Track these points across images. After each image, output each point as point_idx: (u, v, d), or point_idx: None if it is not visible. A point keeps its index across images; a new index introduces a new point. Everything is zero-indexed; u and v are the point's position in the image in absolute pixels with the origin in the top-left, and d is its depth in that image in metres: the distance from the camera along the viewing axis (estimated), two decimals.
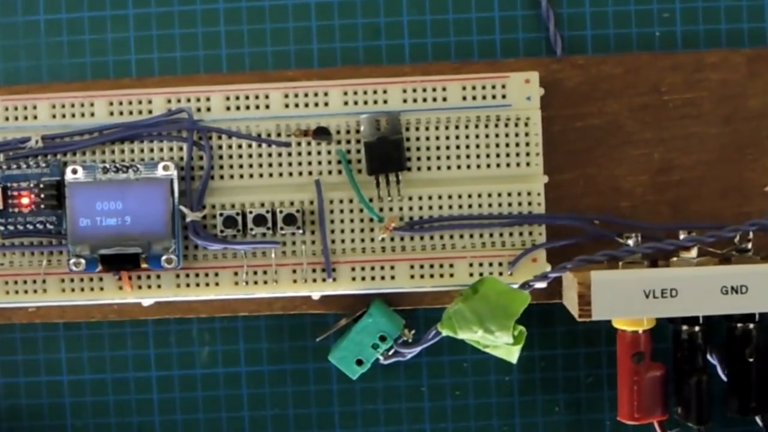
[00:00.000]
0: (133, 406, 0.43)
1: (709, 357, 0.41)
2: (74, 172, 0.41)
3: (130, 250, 0.40)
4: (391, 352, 0.41)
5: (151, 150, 0.42)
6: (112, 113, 0.42)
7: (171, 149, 0.42)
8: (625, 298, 0.38)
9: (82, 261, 0.41)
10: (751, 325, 0.39)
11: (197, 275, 0.42)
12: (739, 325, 0.40)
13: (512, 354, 0.39)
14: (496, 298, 0.38)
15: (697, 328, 0.40)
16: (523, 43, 0.43)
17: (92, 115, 0.42)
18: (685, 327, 0.40)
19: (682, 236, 0.40)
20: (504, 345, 0.39)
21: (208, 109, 0.42)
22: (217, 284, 0.42)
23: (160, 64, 0.43)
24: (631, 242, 0.40)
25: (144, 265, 0.41)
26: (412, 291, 0.41)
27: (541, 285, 0.40)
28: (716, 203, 0.41)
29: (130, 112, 0.42)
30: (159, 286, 0.42)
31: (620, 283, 0.38)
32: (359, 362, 0.41)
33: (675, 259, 0.39)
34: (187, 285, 0.42)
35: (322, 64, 0.43)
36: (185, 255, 0.42)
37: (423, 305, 0.42)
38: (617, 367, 0.41)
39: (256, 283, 0.41)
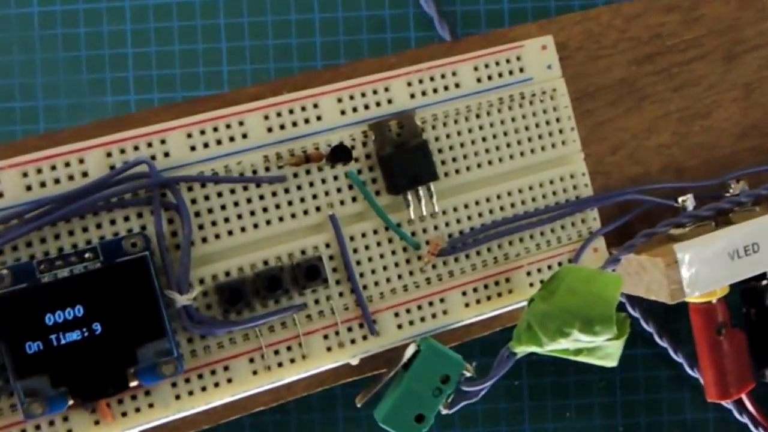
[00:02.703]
0: None
1: None
2: None
3: (111, 368, 0.28)
4: (451, 398, 0.32)
5: (99, 226, 0.29)
6: (29, 187, 0.29)
7: (127, 218, 0.29)
8: (713, 266, 0.32)
9: (41, 401, 0.27)
10: None
11: (200, 377, 0.30)
12: None
13: (614, 352, 0.31)
14: (585, 287, 0.30)
15: (764, 282, 0.35)
16: (414, 18, 0.37)
17: (0, 195, 0.28)
18: (753, 283, 0.35)
19: (731, 190, 0.35)
20: (603, 343, 0.31)
21: (166, 155, 0.30)
22: (229, 381, 0.30)
23: (157, 59, 0.36)
24: (688, 205, 0.34)
25: (133, 383, 0.28)
26: (471, 322, 0.33)
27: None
28: (738, 145, 0.37)
29: (56, 181, 0.29)
30: (151, 405, 0.29)
31: (705, 251, 0.32)
32: (419, 418, 0.32)
33: (735, 212, 0.34)
34: (190, 393, 0.30)
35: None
36: (180, 354, 0.29)
37: (470, 336, 0.34)
38: (697, 347, 0.35)
39: (280, 365, 0.31)
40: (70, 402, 0.28)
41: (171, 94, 0.36)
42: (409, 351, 0.31)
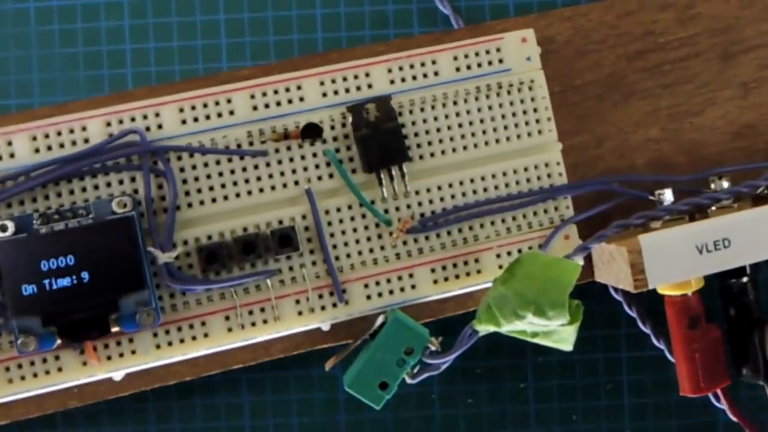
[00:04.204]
0: (127, 413, 0.36)
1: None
2: (3, 229, 0.31)
3: (95, 313, 0.31)
4: (416, 369, 0.34)
5: (96, 187, 0.33)
6: (37, 150, 0.32)
7: (121, 182, 0.33)
8: (679, 258, 0.33)
9: (32, 338, 0.31)
10: None
11: (179, 329, 0.33)
12: None
13: (568, 337, 0.33)
14: (543, 273, 0.31)
15: (745, 279, 0.36)
16: (417, 14, 0.38)
17: (12, 156, 0.32)
18: (733, 280, 0.36)
19: (713, 185, 0.35)
20: (557, 328, 0.33)
21: (159, 126, 0.33)
22: (206, 335, 0.33)
23: (156, 55, 0.36)
24: (666, 199, 0.35)
25: (115, 329, 0.32)
26: (438, 298, 0.34)
27: (580, 261, 0.35)
28: (729, 144, 0.37)
29: (61, 145, 0.33)
30: (134, 352, 0.33)
31: (671, 243, 0.33)
32: (383, 386, 0.34)
33: (714, 208, 0.35)
34: (169, 343, 0.33)
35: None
36: (161, 307, 0.33)
37: (446, 314, 0.36)
38: (671, 339, 0.36)
39: (254, 324, 0.33)
40: (58, 341, 0.31)
41: None
42: (378, 321, 0.33)
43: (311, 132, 0.32)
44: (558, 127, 0.35)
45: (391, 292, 0.34)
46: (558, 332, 0.32)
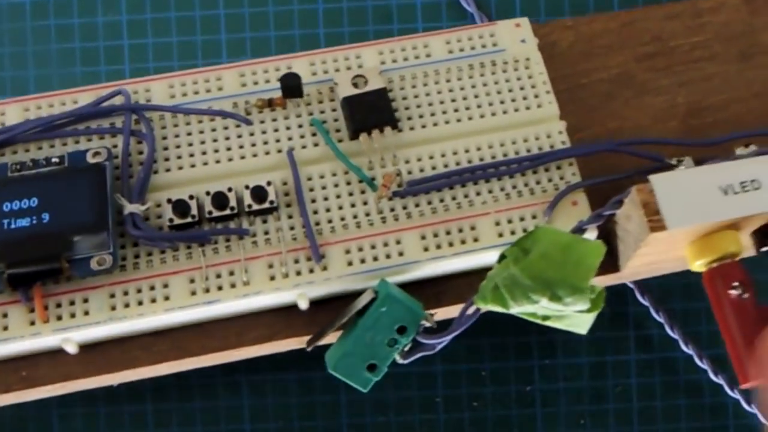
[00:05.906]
0: (125, 414, 0.34)
1: None
2: None
3: (49, 252, 0.29)
4: (408, 348, 0.29)
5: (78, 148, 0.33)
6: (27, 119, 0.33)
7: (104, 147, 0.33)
8: (699, 199, 0.29)
9: None
10: None
11: (139, 290, 0.30)
12: None
13: (584, 323, 0.29)
14: (562, 255, 0.28)
15: None
16: (446, 6, 0.38)
17: (2, 125, 0.33)
18: None
19: (738, 151, 0.32)
20: (573, 313, 0.28)
21: (148, 101, 0.34)
22: (167, 298, 0.30)
23: (154, 51, 0.37)
24: (686, 165, 0.32)
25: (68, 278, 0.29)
26: (432, 275, 0.31)
27: (594, 231, 0.31)
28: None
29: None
30: (87, 313, 0.30)
31: (689, 182, 0.29)
32: (371, 367, 0.29)
33: None
34: (126, 305, 0.30)
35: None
36: (122, 266, 0.31)
37: (443, 306, 0.32)
38: (718, 323, 0.30)
39: (220, 288, 0.30)
40: (6, 282, 0.29)
41: None
42: (365, 297, 0.30)
43: (291, 89, 0.32)
44: (566, 122, 0.34)
45: (375, 258, 0.30)
46: (573, 316, 0.28)
